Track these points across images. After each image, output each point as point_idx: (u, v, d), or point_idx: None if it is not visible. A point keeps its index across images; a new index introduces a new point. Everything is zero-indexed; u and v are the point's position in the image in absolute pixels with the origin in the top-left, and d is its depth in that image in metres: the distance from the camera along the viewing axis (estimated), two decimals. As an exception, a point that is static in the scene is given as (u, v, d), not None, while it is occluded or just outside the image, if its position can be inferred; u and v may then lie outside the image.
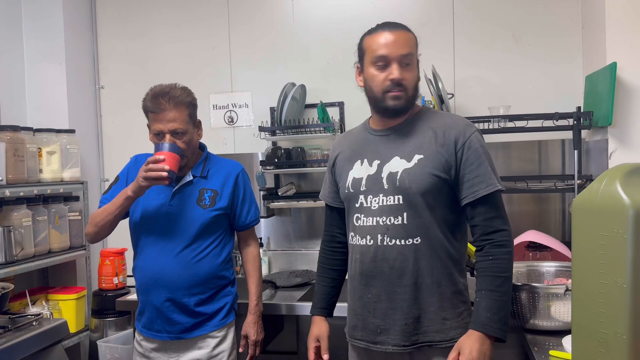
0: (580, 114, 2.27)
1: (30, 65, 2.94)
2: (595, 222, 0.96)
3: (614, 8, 2.14)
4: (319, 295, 1.69)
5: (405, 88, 1.44)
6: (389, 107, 1.46)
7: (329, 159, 1.67)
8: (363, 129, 1.61)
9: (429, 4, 2.73)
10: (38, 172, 2.62)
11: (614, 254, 0.92)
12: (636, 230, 0.89)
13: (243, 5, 2.96)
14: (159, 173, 1.69)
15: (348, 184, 1.53)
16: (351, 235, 1.54)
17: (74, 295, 2.73)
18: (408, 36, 1.46)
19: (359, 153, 1.55)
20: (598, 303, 0.94)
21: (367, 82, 1.49)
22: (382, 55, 1.43)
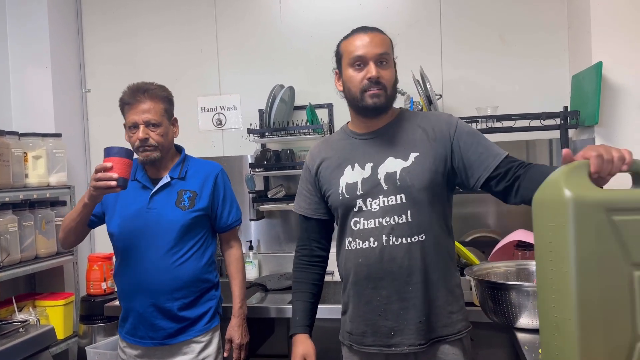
0: (567, 113, 2.29)
1: (16, 69, 2.91)
2: (545, 214, 1.02)
3: (599, 9, 2.16)
4: (301, 313, 1.62)
5: (384, 86, 1.45)
6: (368, 105, 1.46)
7: (307, 169, 1.62)
8: (343, 134, 1.59)
9: (416, 5, 2.74)
10: (24, 177, 2.58)
11: (559, 243, 0.98)
12: (576, 220, 0.95)
13: (230, 7, 2.95)
14: (108, 183, 1.61)
15: (341, 190, 1.50)
16: (348, 240, 1.51)
17: (62, 301, 2.70)
18: (383, 37, 1.49)
19: (346, 158, 1.53)
20: (550, 290, 1.00)
21: (346, 84, 1.50)
22: (359, 56, 1.45)
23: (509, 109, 2.42)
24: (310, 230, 1.65)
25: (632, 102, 2.12)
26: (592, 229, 0.96)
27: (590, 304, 0.95)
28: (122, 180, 1.64)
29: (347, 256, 1.52)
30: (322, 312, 2.16)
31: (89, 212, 1.80)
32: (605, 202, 0.97)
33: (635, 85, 2.11)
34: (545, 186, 1.04)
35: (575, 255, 0.96)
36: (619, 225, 0.96)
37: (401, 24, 2.74)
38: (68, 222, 1.84)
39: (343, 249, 1.53)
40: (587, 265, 0.95)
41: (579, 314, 0.95)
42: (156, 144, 1.83)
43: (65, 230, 1.86)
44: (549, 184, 1.03)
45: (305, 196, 1.64)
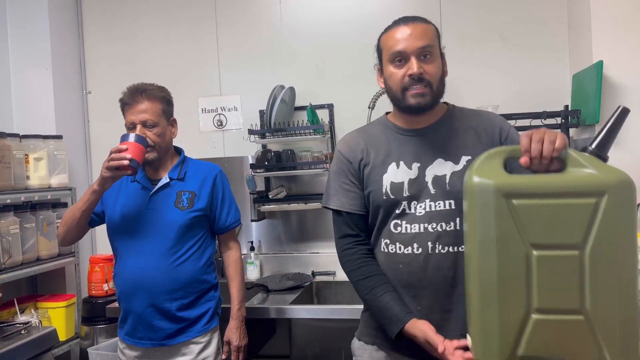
0: (568, 112, 2.29)
1: (16, 71, 2.91)
2: (466, 199, 1.11)
3: (599, 7, 2.16)
4: (396, 302, 1.35)
5: (429, 82, 1.33)
6: (411, 105, 1.34)
7: (346, 161, 1.45)
8: (384, 128, 1.46)
9: (417, 5, 2.74)
10: (25, 179, 2.59)
11: (468, 226, 1.09)
12: (478, 205, 1.06)
13: (230, 7, 2.95)
14: (121, 162, 1.67)
15: (385, 190, 1.38)
16: (385, 242, 1.40)
17: (64, 302, 2.70)
18: (426, 27, 1.37)
19: (390, 155, 1.40)
20: (465, 267, 1.12)
21: (387, 82, 1.39)
22: (399, 51, 1.33)
23: (510, 108, 2.42)
24: (355, 225, 1.45)
25: (632, 100, 2.11)
26: (492, 212, 1.04)
27: (489, 280, 1.04)
28: (135, 162, 1.69)
29: (381, 259, 1.42)
30: (323, 312, 2.17)
31: (96, 200, 1.81)
32: (505, 188, 1.05)
33: (636, 84, 2.11)
34: (470, 167, 1.13)
35: (476, 237, 1.06)
36: (518, 208, 1.03)
37: (401, 23, 2.74)
38: (72, 213, 1.84)
39: (378, 250, 1.43)
40: (486, 245, 1.05)
41: (479, 289, 1.05)
42: (153, 144, 1.84)
43: (66, 224, 1.86)
44: (467, 171, 1.12)
45: (347, 190, 1.45)
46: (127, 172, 1.71)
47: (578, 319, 1.01)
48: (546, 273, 1.02)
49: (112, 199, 1.92)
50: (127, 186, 1.92)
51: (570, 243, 1.02)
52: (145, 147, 1.76)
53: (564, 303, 1.02)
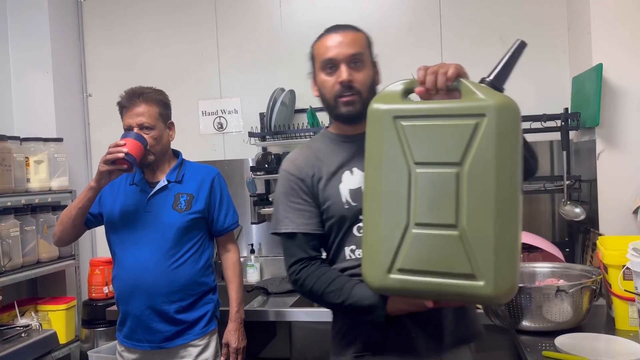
0: (568, 115, 2.29)
1: (17, 74, 2.92)
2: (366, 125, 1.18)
3: (598, 10, 2.16)
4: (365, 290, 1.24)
5: (358, 91, 1.33)
6: (342, 114, 1.35)
7: (296, 180, 1.38)
8: (327, 140, 1.44)
9: (416, 8, 2.75)
10: (25, 182, 2.59)
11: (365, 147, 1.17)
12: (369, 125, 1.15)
13: (230, 11, 2.95)
14: (116, 155, 1.69)
15: (346, 199, 1.34)
16: (351, 249, 1.35)
17: (64, 305, 2.70)
18: (357, 35, 1.39)
19: (341, 164, 1.38)
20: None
21: (320, 90, 1.39)
22: (330, 58, 1.34)
23: (510, 110, 2.41)
24: (311, 247, 1.37)
25: (632, 103, 2.11)
26: (381, 132, 1.12)
27: (374, 196, 1.12)
28: (132, 157, 1.72)
29: (351, 264, 1.35)
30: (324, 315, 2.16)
31: (93, 197, 1.81)
32: (395, 111, 1.12)
33: (635, 87, 2.11)
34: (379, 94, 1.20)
35: (368, 156, 1.15)
36: (405, 129, 1.10)
37: (401, 25, 2.75)
38: (68, 211, 1.85)
39: (341, 262, 1.37)
40: (374, 163, 1.13)
41: (367, 202, 1.14)
42: (149, 146, 1.85)
43: (63, 222, 1.86)
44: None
45: (300, 210, 1.37)
46: (123, 166, 1.72)
47: (453, 234, 1.05)
48: (426, 190, 1.08)
49: (109, 201, 1.92)
50: (125, 189, 1.92)
51: (450, 162, 1.06)
52: (144, 145, 1.78)
53: (441, 218, 1.06)
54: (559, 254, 2.16)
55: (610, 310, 1.68)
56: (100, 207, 1.94)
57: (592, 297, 1.59)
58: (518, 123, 1.07)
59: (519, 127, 1.07)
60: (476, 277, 1.03)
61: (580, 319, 1.60)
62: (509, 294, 1.05)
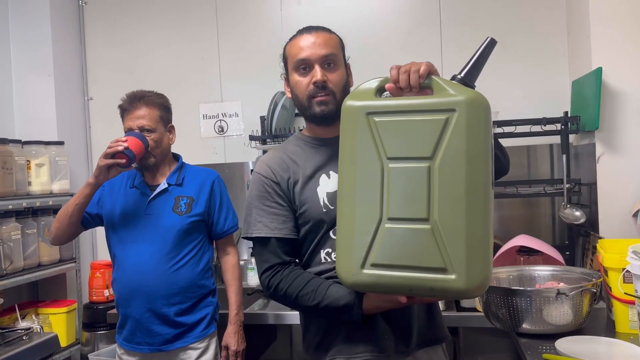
0: (568, 118, 2.30)
1: (18, 77, 2.93)
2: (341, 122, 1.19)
3: (598, 15, 2.17)
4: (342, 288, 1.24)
5: (332, 91, 1.33)
6: (316, 114, 1.33)
7: (270, 183, 1.36)
8: (301, 142, 1.42)
9: (416, 12, 2.76)
10: (27, 185, 2.60)
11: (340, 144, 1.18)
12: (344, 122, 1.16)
13: (231, 14, 2.96)
14: (116, 147, 1.72)
15: (323, 202, 1.33)
16: (327, 252, 1.33)
17: (65, 308, 2.70)
18: (330, 36, 1.39)
19: (318, 167, 1.36)
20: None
21: (293, 90, 1.38)
22: (303, 58, 1.33)
23: (510, 114, 2.43)
24: (284, 252, 1.34)
25: (632, 107, 2.12)
26: (355, 128, 1.14)
27: (348, 191, 1.13)
28: (132, 153, 1.74)
29: (328, 267, 1.33)
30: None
31: (91, 194, 1.82)
32: (368, 107, 1.14)
33: (635, 91, 2.12)
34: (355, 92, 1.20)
35: (342, 150, 1.16)
36: (378, 125, 1.12)
37: (402, 30, 2.76)
38: (65, 209, 1.86)
39: (316, 266, 1.35)
40: (348, 159, 1.14)
41: (341, 197, 1.15)
42: (150, 149, 1.86)
43: (59, 219, 1.87)
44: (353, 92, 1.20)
45: (274, 214, 1.34)
46: (121, 161, 1.74)
47: (425, 227, 1.06)
48: (399, 184, 1.09)
49: (109, 203, 1.93)
50: (126, 192, 1.93)
51: (422, 156, 1.08)
52: (145, 145, 1.81)
53: (413, 213, 1.07)
54: (559, 257, 2.16)
55: (610, 313, 1.68)
56: (99, 208, 1.94)
57: (593, 300, 1.60)
58: (488, 117, 1.09)
59: (488, 121, 1.09)
60: (448, 271, 1.04)
61: (581, 322, 1.60)
62: (481, 288, 1.06)
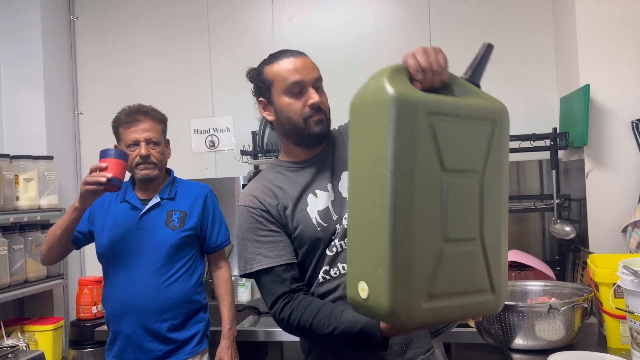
0: (557, 134, 2.32)
1: (8, 91, 2.91)
2: (365, 116, 0.96)
3: (585, 32, 2.21)
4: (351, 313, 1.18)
5: (324, 112, 1.36)
6: (316, 133, 1.34)
7: (261, 212, 1.33)
8: (281, 168, 1.41)
9: (407, 29, 2.79)
10: (15, 200, 2.56)
11: (379, 145, 0.92)
12: (398, 119, 0.90)
13: (223, 30, 2.98)
14: (97, 179, 1.64)
15: (315, 221, 1.32)
16: (325, 270, 1.32)
17: (51, 325, 2.66)
18: (312, 61, 1.40)
19: (303, 188, 1.36)
20: (366, 194, 0.95)
21: (283, 113, 1.36)
22: (297, 81, 1.33)
23: (500, 130, 2.45)
24: (291, 278, 1.30)
25: (620, 123, 2.15)
26: (412, 130, 0.91)
27: (404, 207, 0.90)
28: (117, 180, 1.66)
29: (328, 287, 1.32)
30: (316, 334, 2.15)
31: (78, 218, 1.77)
32: (428, 104, 0.93)
33: (622, 107, 2.15)
34: (365, 88, 0.98)
35: (394, 156, 0.90)
36: (438, 129, 0.93)
37: (392, 45, 2.78)
38: (53, 231, 1.83)
39: (317, 285, 1.33)
40: (404, 167, 0.90)
41: (393, 220, 0.89)
42: (157, 161, 1.86)
43: (49, 242, 1.84)
44: (370, 85, 0.97)
45: (272, 242, 1.32)
46: (109, 188, 1.67)
47: (477, 248, 0.97)
48: (455, 201, 0.95)
49: (101, 219, 1.91)
50: (117, 206, 1.91)
51: (474, 169, 0.97)
52: (125, 161, 1.72)
53: (467, 232, 0.96)
54: (550, 272, 2.17)
55: (602, 328, 1.68)
56: (90, 225, 1.92)
57: (584, 315, 1.60)
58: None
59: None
60: (491, 291, 0.98)
61: (573, 337, 1.60)
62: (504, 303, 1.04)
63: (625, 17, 2.16)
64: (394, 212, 0.90)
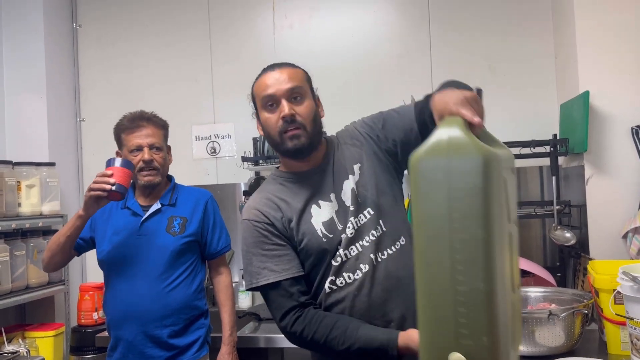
0: (557, 141, 2.33)
1: (10, 97, 2.93)
2: (440, 173, 0.88)
3: (584, 39, 2.22)
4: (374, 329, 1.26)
5: (301, 124, 1.31)
6: (289, 149, 1.32)
7: (265, 226, 1.34)
8: (282, 180, 1.41)
9: (407, 37, 2.80)
10: (17, 206, 2.57)
11: (469, 207, 0.86)
12: (490, 179, 0.86)
13: (225, 38, 3.00)
14: (102, 185, 1.64)
15: (321, 232, 1.32)
16: (331, 280, 1.32)
17: (52, 332, 2.66)
18: (294, 70, 1.38)
19: (306, 200, 1.35)
20: (455, 260, 0.86)
21: (265, 129, 1.36)
22: (269, 95, 1.33)
23: (499, 136, 2.42)
24: (298, 292, 1.31)
25: (619, 129, 2.16)
26: (498, 186, 0.87)
27: (499, 269, 0.86)
28: (121, 187, 1.67)
29: (336, 297, 1.32)
30: (317, 341, 2.14)
31: (82, 226, 1.78)
32: (499, 157, 0.90)
33: (622, 113, 2.16)
34: (436, 144, 0.91)
35: (488, 216, 0.84)
36: (507, 182, 0.93)
37: (392, 54, 2.80)
38: (57, 238, 1.83)
39: (324, 296, 1.33)
40: (496, 227, 0.85)
41: (493, 281, 0.84)
42: (159, 167, 1.87)
43: (51, 249, 1.84)
44: (441, 141, 0.90)
45: (278, 256, 1.32)
46: (115, 198, 1.69)
47: (515, 299, 0.96)
48: (512, 251, 0.94)
49: (102, 225, 1.92)
50: (118, 212, 1.92)
51: (514, 217, 0.98)
52: (131, 170, 1.74)
53: (517, 280, 0.97)
54: (551, 278, 2.17)
55: (602, 334, 1.68)
56: (92, 231, 1.93)
57: (584, 321, 1.60)
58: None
59: None
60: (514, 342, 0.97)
61: (573, 343, 1.60)
62: None
63: (624, 25, 2.17)
64: (494, 276, 0.84)
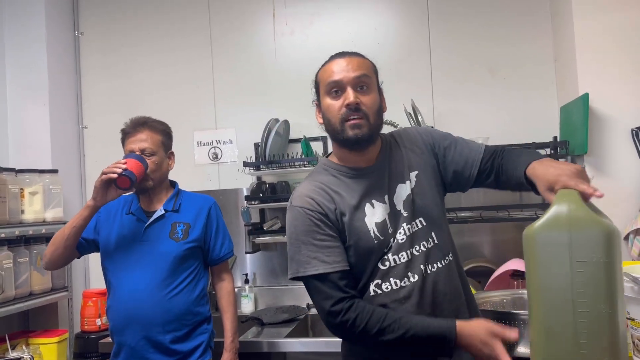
0: (557, 143, 2.34)
1: (13, 104, 2.95)
2: (561, 248, 0.95)
3: (583, 42, 2.23)
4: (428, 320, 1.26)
5: (365, 114, 1.29)
6: (349, 137, 1.29)
7: (319, 215, 1.31)
8: (335, 172, 1.38)
9: (407, 41, 2.82)
10: (20, 213, 2.59)
11: (591, 279, 0.92)
12: (609, 253, 0.92)
13: (226, 44, 3.01)
14: (114, 169, 1.72)
15: (374, 232, 1.30)
16: (376, 284, 1.31)
17: (55, 338, 2.66)
18: (362, 60, 1.36)
19: (360, 197, 1.33)
20: (579, 334, 0.93)
21: (326, 115, 1.34)
22: (335, 81, 1.30)
23: (500, 139, 2.46)
24: (346, 285, 1.28)
25: (619, 131, 2.17)
26: (620, 260, 0.94)
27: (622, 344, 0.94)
28: (132, 174, 1.74)
29: (380, 302, 1.30)
30: (319, 345, 2.15)
31: (90, 217, 1.81)
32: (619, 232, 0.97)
33: (621, 115, 2.16)
34: (554, 219, 0.96)
35: (615, 290, 0.91)
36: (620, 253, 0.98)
37: (392, 58, 2.81)
38: (61, 231, 1.84)
39: (367, 297, 1.32)
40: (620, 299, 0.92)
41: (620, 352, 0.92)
42: (149, 172, 1.87)
43: (55, 242, 1.85)
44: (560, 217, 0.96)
45: (328, 247, 1.29)
46: (124, 184, 1.74)
47: None
48: None
49: (106, 229, 1.93)
50: (122, 218, 1.93)
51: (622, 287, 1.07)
52: (145, 166, 1.81)
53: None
54: (553, 280, 2.17)
55: (604, 336, 1.68)
56: (95, 234, 1.94)
57: (586, 323, 1.60)
58: None
59: None
60: None
61: (575, 345, 1.60)
62: None
63: (623, 27, 2.18)
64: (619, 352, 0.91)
